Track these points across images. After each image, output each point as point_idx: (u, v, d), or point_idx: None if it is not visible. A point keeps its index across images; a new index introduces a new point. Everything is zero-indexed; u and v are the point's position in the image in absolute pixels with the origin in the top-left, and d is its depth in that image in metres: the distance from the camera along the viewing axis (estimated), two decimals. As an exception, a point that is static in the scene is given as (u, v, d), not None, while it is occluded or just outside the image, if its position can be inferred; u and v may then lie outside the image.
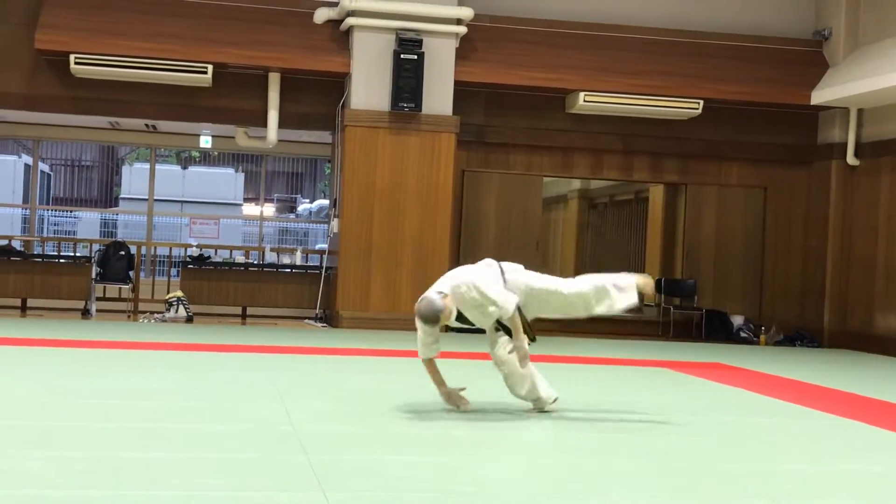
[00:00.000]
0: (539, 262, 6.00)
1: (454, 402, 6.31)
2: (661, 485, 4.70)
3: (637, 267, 16.65)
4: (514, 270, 6.35)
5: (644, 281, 6.40)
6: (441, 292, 6.03)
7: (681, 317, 14.83)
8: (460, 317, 6.12)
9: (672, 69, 13.88)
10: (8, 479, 4.11)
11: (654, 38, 14.08)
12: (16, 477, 4.16)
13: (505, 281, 6.21)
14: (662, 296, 14.88)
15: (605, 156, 14.48)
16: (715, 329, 14.43)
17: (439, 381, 6.33)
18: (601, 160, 14.53)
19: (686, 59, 14.01)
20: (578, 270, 18.14)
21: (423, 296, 6.10)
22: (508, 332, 6.26)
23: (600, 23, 14.04)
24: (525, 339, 6.11)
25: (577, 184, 18.43)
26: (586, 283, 6.38)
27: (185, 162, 25.37)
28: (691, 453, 5.54)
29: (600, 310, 6.36)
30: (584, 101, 13.58)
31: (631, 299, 6.32)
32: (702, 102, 13.84)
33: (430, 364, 6.30)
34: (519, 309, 6.12)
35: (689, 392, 8.36)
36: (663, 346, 13.01)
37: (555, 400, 6.49)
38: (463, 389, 6.39)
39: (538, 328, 6.42)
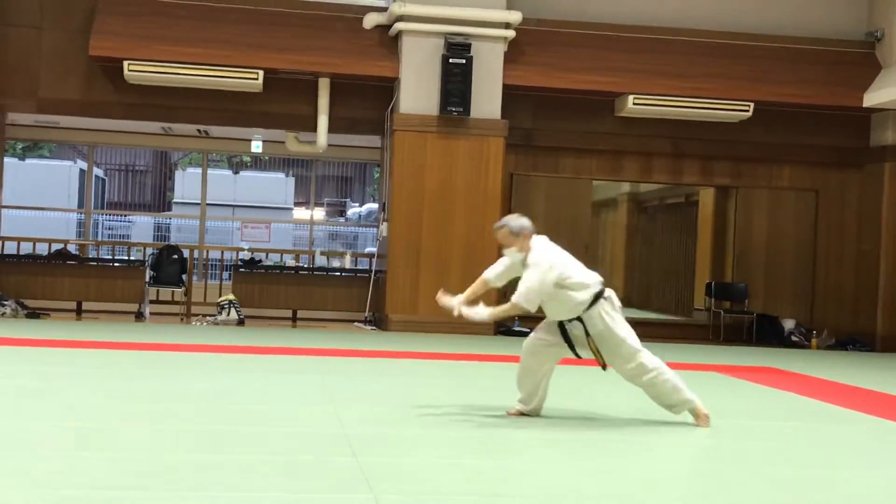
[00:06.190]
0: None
1: (448, 303, 6.25)
2: (705, 490, 4.69)
3: (688, 271, 16.54)
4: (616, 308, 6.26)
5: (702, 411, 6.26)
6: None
7: (731, 320, 14.70)
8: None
9: (722, 71, 13.80)
10: (60, 479, 4.21)
11: (703, 41, 14.02)
12: (68, 477, 4.26)
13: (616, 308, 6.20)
14: (713, 299, 14.77)
15: (655, 159, 14.45)
16: (766, 333, 14.30)
17: (467, 296, 6.25)
18: (651, 163, 14.50)
19: (736, 62, 13.92)
20: (628, 274, 18.11)
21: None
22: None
23: (649, 25, 14.01)
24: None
25: (626, 187, 18.35)
26: (660, 362, 6.29)
27: (237, 167, 25.61)
28: (741, 457, 5.51)
29: (677, 398, 6.22)
30: (634, 104, 13.54)
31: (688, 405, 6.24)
32: (752, 105, 13.74)
33: (481, 284, 6.33)
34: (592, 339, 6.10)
35: (741, 396, 8.30)
36: (714, 349, 12.91)
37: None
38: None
39: None
